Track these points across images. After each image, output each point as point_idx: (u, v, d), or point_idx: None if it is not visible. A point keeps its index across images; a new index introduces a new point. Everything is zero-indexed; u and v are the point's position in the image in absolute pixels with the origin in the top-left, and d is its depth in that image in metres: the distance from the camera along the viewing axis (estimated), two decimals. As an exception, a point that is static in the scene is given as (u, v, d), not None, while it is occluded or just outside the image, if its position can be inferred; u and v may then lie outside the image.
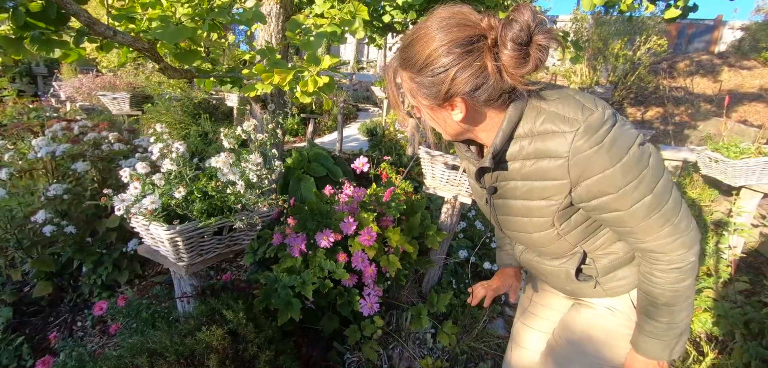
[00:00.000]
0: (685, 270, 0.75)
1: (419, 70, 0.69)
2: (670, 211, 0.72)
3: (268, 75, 1.00)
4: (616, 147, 0.66)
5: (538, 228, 0.82)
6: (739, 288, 2.40)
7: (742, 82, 7.48)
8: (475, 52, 0.65)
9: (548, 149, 0.70)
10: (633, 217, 0.71)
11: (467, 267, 2.35)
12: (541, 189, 0.75)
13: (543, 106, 0.71)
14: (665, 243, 0.73)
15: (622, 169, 0.66)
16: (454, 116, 0.73)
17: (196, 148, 3.40)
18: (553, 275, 0.94)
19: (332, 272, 1.59)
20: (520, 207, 0.81)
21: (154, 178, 1.19)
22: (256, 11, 1.11)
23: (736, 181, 2.49)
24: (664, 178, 0.71)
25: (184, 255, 1.27)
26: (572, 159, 0.67)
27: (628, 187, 0.68)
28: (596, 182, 0.68)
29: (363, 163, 1.87)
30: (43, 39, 0.90)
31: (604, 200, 0.70)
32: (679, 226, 0.73)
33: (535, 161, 0.73)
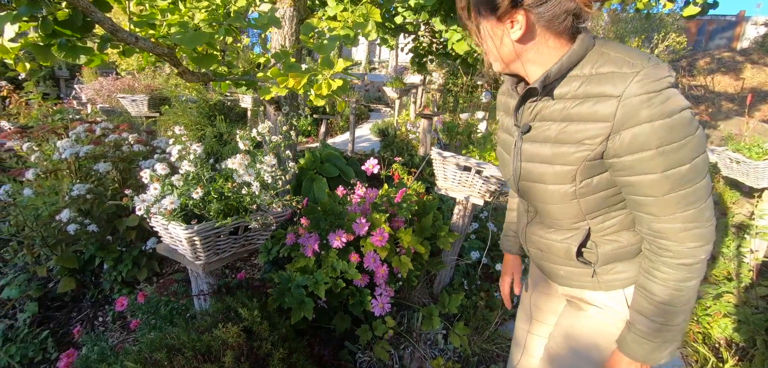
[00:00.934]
0: (693, 268, 0.70)
1: None
2: (701, 193, 0.67)
3: (283, 78, 1.02)
4: (670, 102, 0.63)
5: (558, 179, 0.77)
6: (762, 293, 2.33)
7: (765, 79, 7.24)
8: None
9: (602, 90, 0.67)
10: (662, 185, 0.67)
11: (479, 269, 2.34)
12: (576, 132, 0.72)
13: (607, 52, 0.69)
14: (682, 227, 0.69)
15: (670, 125, 0.63)
16: (512, 34, 0.71)
17: (211, 149, 3.47)
18: (552, 252, 0.89)
19: (344, 272, 1.61)
20: (547, 154, 0.77)
21: (173, 179, 1.23)
22: (271, 17, 1.14)
23: (758, 183, 2.42)
24: (704, 155, 0.67)
25: (201, 255, 1.30)
26: (624, 100, 0.65)
27: (670, 148, 0.64)
28: (640, 132, 0.65)
29: (374, 164, 1.88)
30: (70, 46, 0.94)
31: (640, 156, 0.66)
32: (703, 215, 0.68)
33: (582, 101, 0.70)
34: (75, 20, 0.91)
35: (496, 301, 2.19)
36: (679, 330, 0.75)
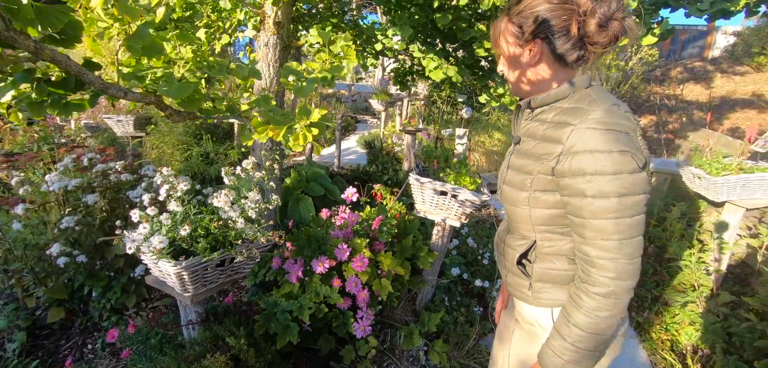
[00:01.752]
0: (608, 301, 0.76)
1: (518, 12, 0.85)
2: (624, 229, 0.74)
3: (263, 128, 1.11)
4: (612, 140, 0.73)
5: (520, 186, 0.90)
6: (725, 300, 2.48)
7: (734, 88, 7.58)
8: (566, 11, 0.80)
9: (566, 120, 0.80)
10: (590, 209, 0.75)
11: (459, 285, 2.44)
12: (540, 151, 0.85)
13: (590, 94, 0.82)
14: (602, 255, 0.76)
15: (606, 158, 0.72)
16: (529, 54, 0.86)
17: (197, 169, 3.51)
18: (506, 257, 1.02)
19: (327, 297, 1.69)
20: (521, 163, 0.91)
21: (162, 217, 1.30)
22: (251, 68, 1.22)
23: (718, 197, 2.58)
24: (637, 198, 0.74)
25: (190, 287, 1.37)
26: (577, 129, 0.76)
27: (603, 178, 0.73)
28: (582, 158, 0.75)
29: (352, 193, 1.98)
30: (62, 104, 1.01)
31: (577, 179, 0.76)
32: (624, 250, 0.74)
33: (554, 127, 0.83)
34: (68, 82, 0.98)
35: (476, 316, 2.30)
36: (592, 358, 0.81)
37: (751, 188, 2.49)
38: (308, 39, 2.57)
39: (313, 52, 2.61)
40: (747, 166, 2.54)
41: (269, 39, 2.51)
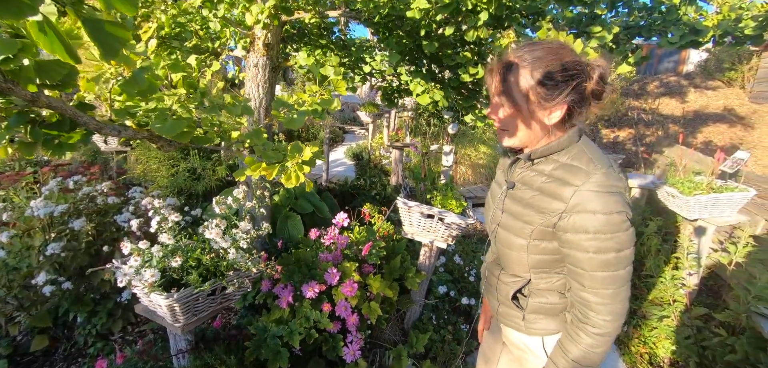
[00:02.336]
0: (603, 338, 0.86)
1: (547, 73, 0.83)
2: (620, 279, 0.84)
3: (256, 166, 1.14)
4: (611, 205, 0.81)
5: (518, 233, 0.96)
6: (699, 313, 2.60)
7: (707, 102, 7.93)
8: (582, 73, 0.84)
9: (568, 179, 0.86)
10: (591, 262, 0.84)
11: (446, 303, 2.49)
12: (542, 203, 0.90)
13: (584, 150, 0.88)
14: (601, 301, 0.85)
15: (606, 219, 0.81)
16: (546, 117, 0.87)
17: (184, 185, 3.48)
18: (498, 290, 1.09)
19: (318, 322, 1.71)
20: (519, 210, 0.95)
21: (153, 250, 1.30)
22: (244, 106, 1.25)
23: (690, 215, 2.71)
24: (628, 251, 0.84)
25: (181, 318, 1.38)
26: (579, 191, 0.83)
27: (603, 236, 0.82)
28: (581, 219, 0.83)
29: (343, 218, 2.01)
30: (56, 144, 1.02)
31: (579, 236, 0.83)
32: (619, 296, 0.85)
33: (553, 181, 0.88)
34: (63, 124, 0.99)
35: (463, 334, 2.35)
36: None
37: (721, 207, 2.62)
38: (297, 60, 2.61)
39: (302, 73, 2.64)
40: (716, 186, 2.68)
41: (259, 60, 2.54)
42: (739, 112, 7.49)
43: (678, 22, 1.85)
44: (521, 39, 1.94)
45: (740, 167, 2.69)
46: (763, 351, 2.05)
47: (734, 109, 7.62)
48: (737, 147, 6.59)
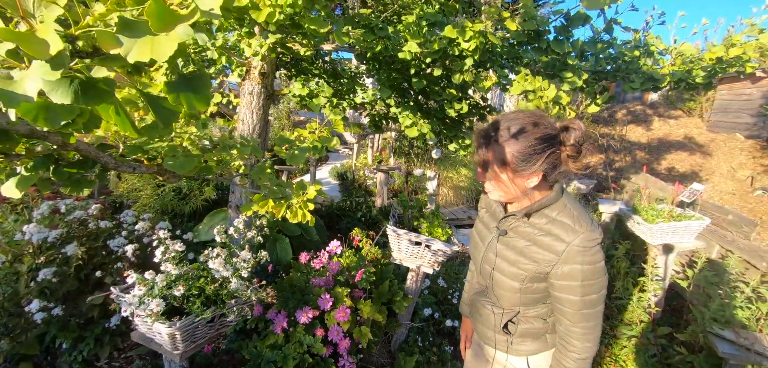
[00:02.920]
0: (583, 361, 1.05)
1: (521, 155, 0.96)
2: (595, 316, 1.03)
3: (264, 202, 1.22)
4: (594, 257, 0.98)
5: (513, 277, 1.09)
6: (663, 332, 2.80)
7: (670, 130, 8.49)
8: (556, 154, 0.98)
9: (559, 234, 1.00)
10: (575, 304, 1.01)
11: (431, 325, 2.60)
12: (536, 253, 1.04)
13: (569, 205, 1.03)
14: (583, 332, 1.03)
15: (591, 270, 0.98)
16: (527, 181, 0.99)
17: (171, 205, 3.47)
18: (488, 318, 1.23)
19: (311, 346, 1.78)
20: (512, 257, 1.09)
21: (157, 279, 1.36)
22: (254, 147, 1.34)
23: (654, 241, 2.94)
24: (604, 292, 1.02)
25: (180, 345, 1.42)
26: (569, 246, 0.98)
27: (588, 283, 0.99)
28: (572, 269, 0.99)
29: (337, 246, 2.10)
30: (74, 181, 1.08)
31: (569, 283, 1.00)
32: (596, 329, 1.04)
33: (545, 234, 1.02)
34: (85, 163, 1.05)
35: (447, 355, 2.45)
36: None
37: (680, 234, 2.86)
38: (292, 90, 2.71)
39: (295, 101, 2.74)
40: (676, 214, 2.93)
41: (254, 88, 2.63)
42: (698, 141, 8.06)
43: (638, 71, 2.07)
44: (502, 81, 2.13)
45: (696, 197, 2.95)
46: (718, 369, 2.25)
47: (694, 137, 8.20)
48: (697, 173, 7.09)
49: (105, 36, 0.38)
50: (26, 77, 0.48)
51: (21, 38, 0.36)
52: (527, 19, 1.72)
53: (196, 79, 0.53)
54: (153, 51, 0.37)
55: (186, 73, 0.51)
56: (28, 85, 0.48)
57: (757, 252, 3.35)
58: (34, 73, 0.48)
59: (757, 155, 7.26)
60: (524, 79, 1.99)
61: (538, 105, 1.97)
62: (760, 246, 3.50)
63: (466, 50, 1.79)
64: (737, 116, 7.97)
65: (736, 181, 6.86)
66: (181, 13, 0.37)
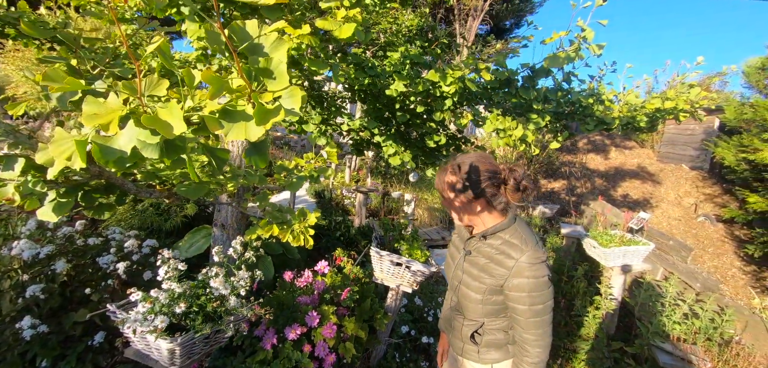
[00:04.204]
0: (539, 364, 1.22)
1: (463, 180, 1.24)
2: (545, 324, 1.20)
3: (269, 228, 1.36)
4: (539, 272, 1.18)
5: (476, 290, 1.29)
6: (616, 347, 3.09)
7: (625, 160, 9.22)
8: (497, 184, 1.23)
9: (510, 253, 1.21)
10: (525, 312, 1.19)
11: (408, 342, 2.75)
12: (493, 269, 1.24)
13: (519, 230, 1.24)
14: (534, 339, 1.20)
15: (536, 283, 1.17)
16: (475, 207, 1.25)
17: (151, 221, 3.46)
18: (458, 331, 1.41)
19: (299, 362, 1.89)
20: (475, 273, 1.29)
21: (161, 296, 1.44)
22: (261, 177, 1.48)
23: (608, 263, 3.26)
24: (550, 303, 1.20)
25: (178, 361, 1.50)
26: (518, 263, 1.19)
27: (535, 294, 1.17)
28: (520, 282, 1.18)
29: (324, 265, 2.23)
30: (96, 205, 1.18)
31: (518, 294, 1.19)
32: (546, 336, 1.21)
33: (500, 253, 1.23)
34: (111, 189, 1.15)
35: None
36: None
37: (630, 257, 3.20)
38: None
39: (285, 126, 2.87)
40: (626, 239, 3.28)
41: (243, 112, 2.74)
42: (649, 170, 8.81)
43: (592, 115, 2.38)
44: (476, 118, 2.38)
45: (643, 225, 3.31)
46: (660, 379, 2.54)
47: (646, 166, 8.95)
48: (648, 200, 7.74)
49: (212, 121, 0.53)
50: (121, 135, 0.63)
51: (154, 122, 0.51)
52: (500, 69, 1.98)
53: (263, 145, 0.68)
54: (247, 133, 0.52)
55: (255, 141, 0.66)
56: (123, 142, 0.62)
57: (693, 274, 3.76)
58: (128, 133, 0.62)
59: (699, 184, 8.03)
60: (496, 118, 2.25)
61: (508, 142, 2.22)
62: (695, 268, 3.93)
63: (447, 92, 2.02)
64: (683, 149, 8.81)
65: (682, 207, 7.55)
66: (271, 109, 0.53)
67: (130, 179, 1.26)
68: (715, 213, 7.07)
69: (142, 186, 1.25)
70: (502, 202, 1.25)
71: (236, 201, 2.60)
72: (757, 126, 5.42)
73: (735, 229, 6.56)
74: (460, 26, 11.36)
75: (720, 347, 2.70)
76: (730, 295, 5.14)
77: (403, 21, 3.00)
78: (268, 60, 0.55)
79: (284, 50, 0.56)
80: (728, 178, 7.06)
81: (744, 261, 5.85)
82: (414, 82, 2.04)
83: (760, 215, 5.46)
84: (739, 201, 6.67)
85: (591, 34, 1.77)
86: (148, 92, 0.59)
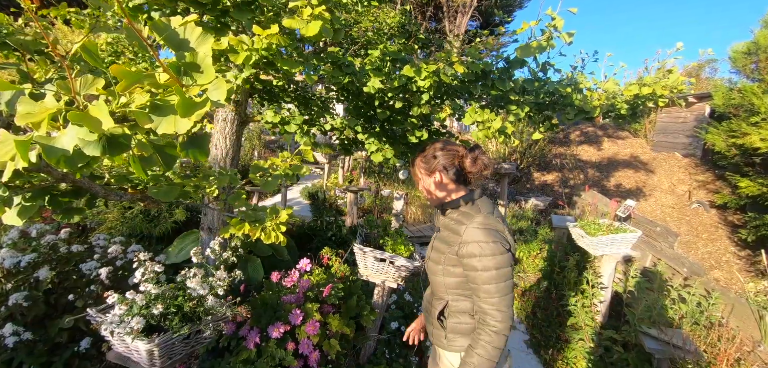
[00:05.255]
0: (498, 334, 1.18)
1: (424, 157, 1.37)
2: (501, 290, 1.19)
3: (240, 226, 1.37)
4: (489, 237, 1.20)
5: (436, 261, 1.35)
6: (609, 335, 3.11)
7: (618, 150, 9.25)
8: (451, 156, 1.32)
9: (462, 221, 1.26)
10: (477, 279, 1.21)
11: (397, 338, 2.76)
12: (450, 239, 1.29)
13: (478, 203, 1.31)
14: (492, 306, 1.19)
15: (486, 247, 1.20)
16: (434, 180, 1.34)
17: (140, 228, 3.47)
18: (430, 313, 1.45)
19: (283, 360, 1.90)
20: (439, 246, 1.36)
21: (137, 298, 1.46)
22: (232, 175, 1.50)
23: (596, 252, 3.28)
24: (505, 271, 1.20)
25: (157, 361, 1.51)
26: (468, 229, 1.23)
27: (485, 259, 1.20)
28: (470, 247, 1.22)
29: (306, 263, 2.25)
30: (65, 209, 1.19)
31: (469, 260, 1.22)
32: (503, 302, 1.19)
33: (456, 223, 1.28)
34: (78, 192, 1.17)
35: (412, 365, 2.62)
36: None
37: (617, 244, 3.22)
38: (265, 117, 2.86)
39: (268, 127, 2.89)
40: (614, 227, 3.30)
41: (228, 115, 2.76)
42: (642, 159, 8.84)
43: (572, 104, 2.40)
44: (456, 112, 2.39)
45: (630, 212, 3.33)
46: (647, 363, 2.56)
47: (639, 156, 8.98)
48: (641, 190, 7.76)
49: (141, 116, 0.55)
50: (63, 135, 0.64)
51: (84, 118, 0.52)
52: (474, 61, 1.99)
53: (201, 138, 0.70)
54: (176, 126, 0.54)
55: (193, 134, 0.68)
56: (65, 141, 0.64)
57: (680, 260, 3.78)
58: (71, 132, 0.64)
59: (692, 171, 8.06)
60: (474, 111, 2.27)
61: (487, 134, 2.24)
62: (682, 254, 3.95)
63: (423, 87, 2.03)
64: (675, 137, 8.84)
65: (676, 195, 7.58)
66: (198, 101, 0.54)
67: (102, 182, 1.27)
68: (709, 200, 7.10)
69: (112, 190, 1.27)
70: (462, 176, 1.33)
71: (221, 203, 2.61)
72: (745, 110, 5.45)
73: (728, 215, 6.59)
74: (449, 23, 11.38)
75: (706, 330, 2.72)
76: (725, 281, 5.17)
77: (384, 19, 3.02)
78: (194, 54, 0.56)
79: (209, 45, 0.57)
80: (720, 164, 7.09)
81: (738, 246, 5.88)
82: (390, 78, 2.05)
83: (752, 199, 5.49)
84: (731, 186, 6.70)
85: (561, 22, 1.78)
86: (85, 91, 0.61)
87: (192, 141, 0.70)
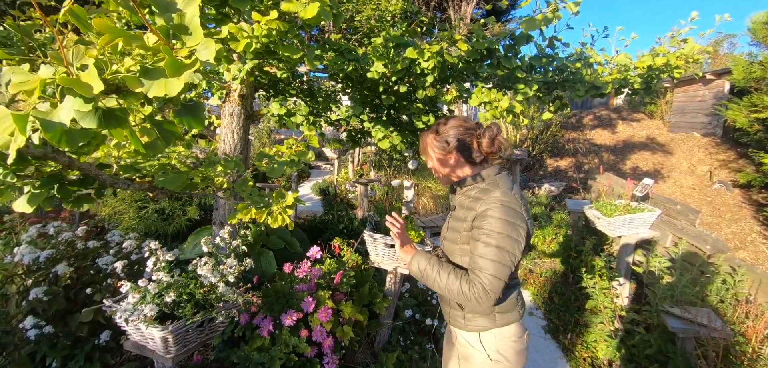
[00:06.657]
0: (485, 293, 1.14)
1: (440, 135, 1.31)
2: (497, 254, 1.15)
3: (247, 210, 1.37)
4: (502, 211, 1.17)
5: (453, 240, 1.32)
6: (630, 318, 3.03)
7: (633, 132, 9.01)
8: (469, 135, 1.29)
9: (480, 197, 1.23)
10: (483, 236, 1.17)
11: (412, 325, 2.75)
12: (467, 215, 1.26)
13: (496, 180, 1.27)
14: (488, 263, 1.14)
15: (498, 221, 1.16)
16: (451, 161, 1.31)
17: (154, 226, 3.54)
18: None
19: (296, 346, 1.91)
20: (455, 225, 1.33)
21: (149, 286, 1.48)
22: (237, 162, 1.50)
23: (613, 233, 3.20)
24: (508, 237, 1.15)
25: (172, 349, 1.53)
26: (485, 202, 1.20)
27: (493, 222, 1.16)
28: (483, 210, 1.19)
29: (316, 251, 2.25)
30: (75, 198, 1.21)
31: (480, 221, 1.19)
32: (496, 265, 1.15)
33: (473, 200, 1.25)
34: (86, 181, 1.19)
35: (427, 352, 2.60)
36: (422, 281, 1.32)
37: (635, 225, 3.13)
38: (271, 110, 2.87)
39: (274, 120, 2.90)
40: (631, 208, 3.20)
41: (234, 109, 2.78)
42: (659, 141, 8.59)
43: (582, 80, 2.33)
44: (462, 94, 2.35)
45: (647, 191, 3.23)
46: (671, 342, 2.48)
47: (656, 137, 8.72)
48: (659, 171, 7.55)
49: (131, 80, 0.54)
50: (60, 109, 0.64)
51: (74, 83, 0.52)
52: (478, 39, 1.95)
53: (194, 106, 0.69)
54: (166, 89, 0.53)
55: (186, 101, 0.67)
56: (62, 115, 0.64)
57: (702, 237, 3.65)
58: (67, 105, 0.64)
59: (713, 151, 7.79)
60: (481, 92, 2.22)
61: (495, 114, 2.20)
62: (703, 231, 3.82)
63: (427, 68, 2.00)
64: (693, 116, 8.55)
65: (696, 176, 7.34)
66: (186, 63, 0.54)
67: (111, 171, 1.29)
68: (731, 179, 6.85)
69: (120, 178, 1.28)
70: (479, 156, 1.30)
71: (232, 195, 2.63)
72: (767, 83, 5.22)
73: (752, 194, 6.35)
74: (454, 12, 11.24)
75: (733, 307, 2.62)
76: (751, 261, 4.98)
77: (386, 7, 2.99)
78: (181, 15, 0.55)
79: (196, 6, 0.56)
80: (742, 142, 6.83)
81: (764, 226, 5.66)
82: (392, 62, 2.03)
83: (777, 175, 5.26)
84: (755, 164, 6.45)
85: (566, -9, 1.73)
86: (77, 62, 0.61)
87: (186, 108, 0.69)
